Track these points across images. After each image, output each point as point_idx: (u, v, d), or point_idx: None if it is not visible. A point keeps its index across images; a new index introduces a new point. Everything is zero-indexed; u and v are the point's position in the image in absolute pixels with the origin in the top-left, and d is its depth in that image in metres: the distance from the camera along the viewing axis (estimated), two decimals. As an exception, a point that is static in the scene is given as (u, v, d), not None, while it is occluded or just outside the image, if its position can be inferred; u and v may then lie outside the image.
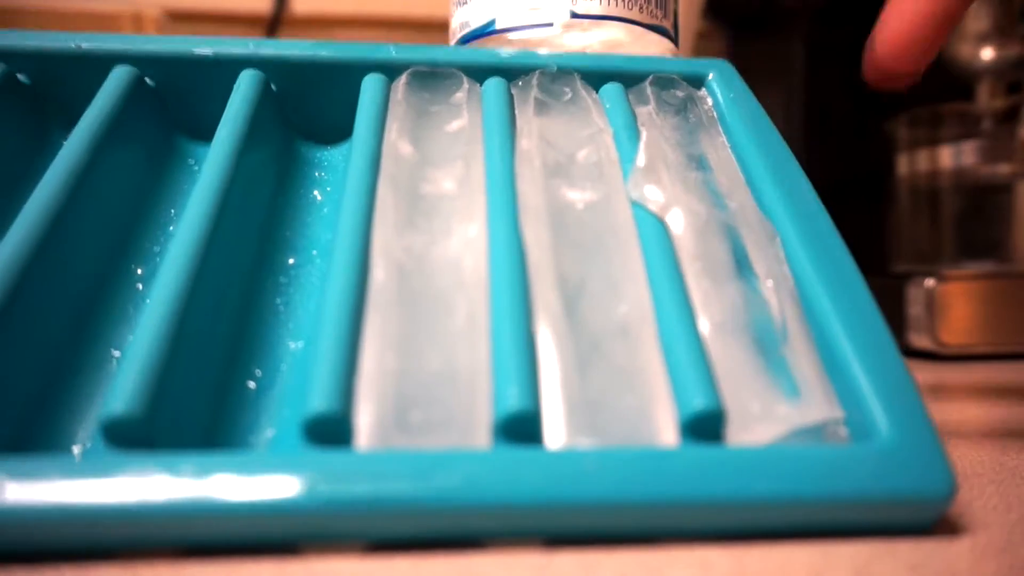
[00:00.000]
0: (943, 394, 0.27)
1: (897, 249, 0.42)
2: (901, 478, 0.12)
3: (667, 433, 0.13)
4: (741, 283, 0.15)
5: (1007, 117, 0.38)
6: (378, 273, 0.15)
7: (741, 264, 0.16)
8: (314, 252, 0.18)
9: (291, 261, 0.18)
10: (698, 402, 0.13)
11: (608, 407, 0.13)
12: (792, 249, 0.16)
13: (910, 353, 0.36)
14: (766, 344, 0.14)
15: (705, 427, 0.13)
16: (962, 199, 0.39)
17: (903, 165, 0.42)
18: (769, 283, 0.15)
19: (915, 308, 0.34)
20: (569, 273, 0.15)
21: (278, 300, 0.17)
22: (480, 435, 0.13)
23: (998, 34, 0.37)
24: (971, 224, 0.39)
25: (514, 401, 0.12)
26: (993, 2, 0.37)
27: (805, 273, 0.15)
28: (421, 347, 0.14)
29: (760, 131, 0.18)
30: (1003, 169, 0.38)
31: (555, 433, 0.13)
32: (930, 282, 0.34)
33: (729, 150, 0.18)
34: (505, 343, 0.13)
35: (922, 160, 0.40)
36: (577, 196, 0.17)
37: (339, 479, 0.11)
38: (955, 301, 0.34)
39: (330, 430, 0.12)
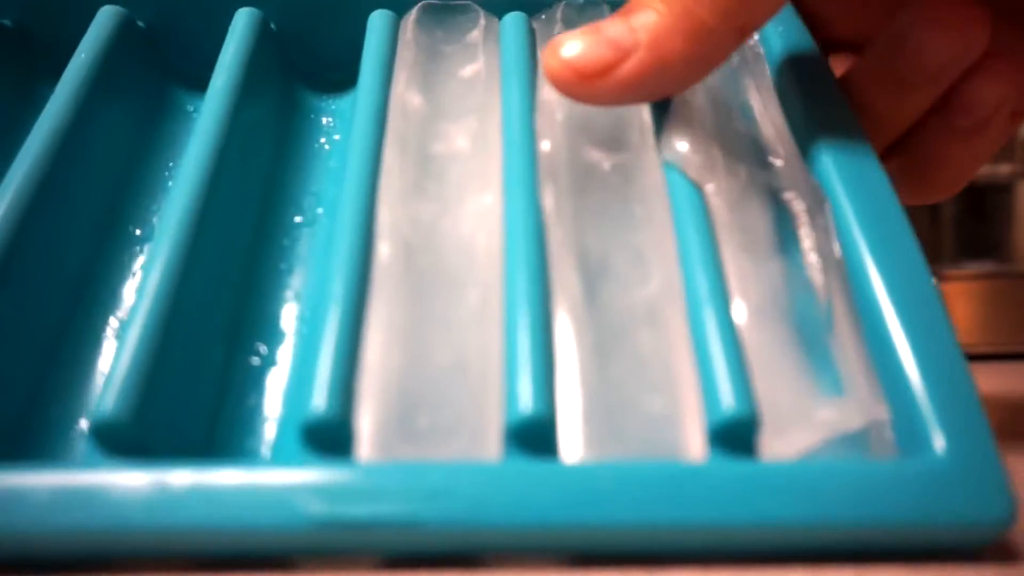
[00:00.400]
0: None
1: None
2: (955, 499, 0.11)
3: (694, 439, 0.12)
4: (784, 260, 0.14)
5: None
6: (383, 250, 0.13)
7: (784, 236, 0.14)
8: (320, 210, 0.17)
9: (297, 219, 0.17)
10: (729, 407, 0.12)
11: (631, 408, 0.12)
12: (844, 220, 0.14)
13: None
14: (808, 332, 0.13)
15: (736, 435, 0.12)
16: (962, 199, 0.38)
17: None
18: (815, 259, 0.14)
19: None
20: (592, 247, 0.14)
21: (282, 265, 0.16)
22: (491, 442, 0.12)
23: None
24: (971, 224, 0.38)
25: (527, 406, 0.11)
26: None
27: (858, 250, 0.13)
28: (428, 338, 0.13)
29: (813, 75, 0.16)
30: (1003, 169, 0.37)
31: (572, 438, 0.12)
32: (930, 285, 0.34)
33: (775, 95, 0.16)
34: (519, 339, 0.12)
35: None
36: (603, 156, 0.15)
37: (336, 499, 0.11)
38: (955, 301, 0.33)
39: (329, 436, 0.12)
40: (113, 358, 0.12)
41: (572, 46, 0.13)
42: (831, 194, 0.14)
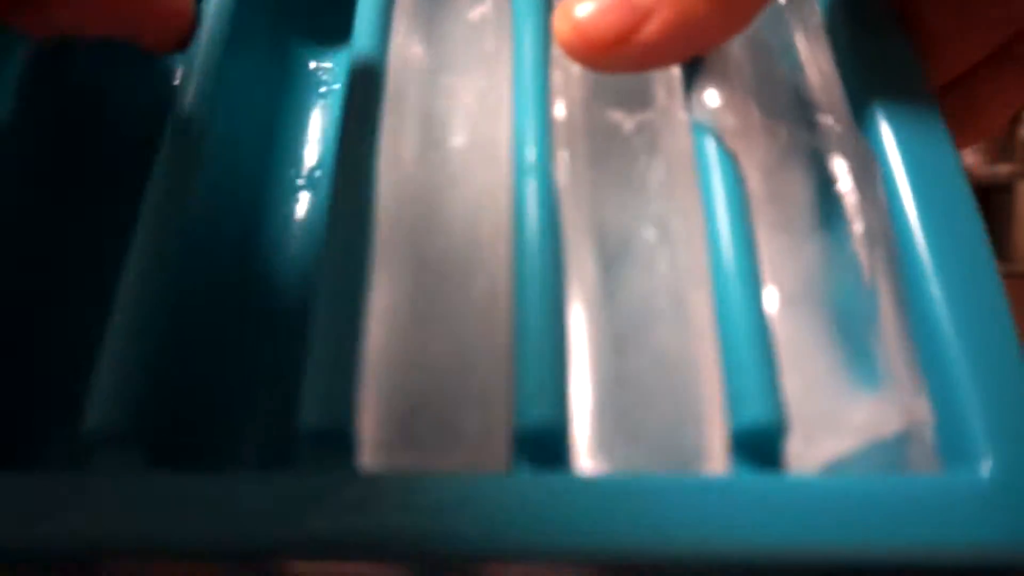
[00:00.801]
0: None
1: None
2: (1004, 520, 0.10)
3: (716, 446, 0.11)
4: (824, 238, 0.12)
5: (1007, 121, 0.36)
6: (383, 233, 0.12)
7: (827, 210, 0.13)
8: (318, 173, 0.16)
9: (299, 182, 0.16)
10: (754, 415, 0.11)
11: (648, 410, 0.11)
12: (897, 193, 0.12)
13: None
14: (848, 320, 0.12)
15: (761, 444, 0.11)
16: None
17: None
18: (861, 238, 0.12)
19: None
20: (610, 225, 0.13)
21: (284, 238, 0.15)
22: (497, 449, 0.11)
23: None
24: None
25: (537, 413, 0.11)
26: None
27: (911, 229, 0.12)
28: (431, 332, 0.12)
29: (869, 11, 0.14)
30: (1003, 169, 0.38)
31: (584, 443, 0.11)
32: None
33: (824, 36, 0.14)
34: (529, 338, 0.11)
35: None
36: (624, 116, 0.13)
37: (333, 514, 0.10)
38: None
39: (330, 443, 0.11)
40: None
41: (584, 7, 0.11)
42: (883, 160, 0.13)
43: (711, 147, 0.13)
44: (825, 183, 0.13)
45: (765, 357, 0.11)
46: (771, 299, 0.12)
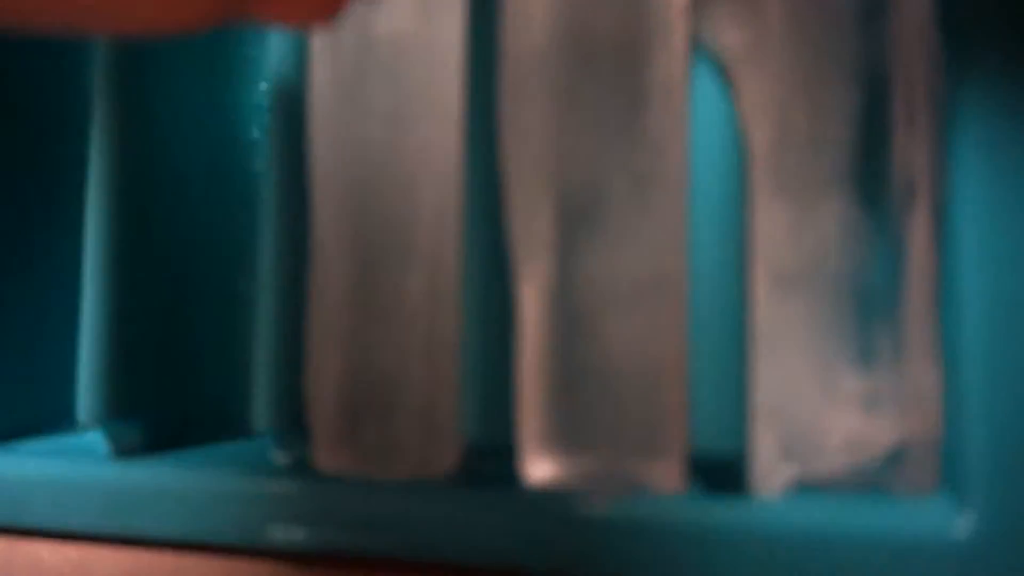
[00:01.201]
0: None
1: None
2: None
3: (672, 465, 0.10)
4: (841, 203, 0.10)
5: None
6: (320, 214, 0.11)
7: (845, 168, 0.10)
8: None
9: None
10: (715, 443, 0.10)
11: (600, 419, 0.10)
12: (951, 158, 0.09)
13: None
14: (864, 305, 0.10)
15: (718, 471, 0.10)
16: None
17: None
18: (892, 203, 0.09)
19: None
20: (575, 180, 0.10)
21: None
22: (445, 458, 0.11)
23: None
24: None
25: (480, 429, 0.10)
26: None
27: (968, 200, 0.09)
28: (371, 338, 0.11)
29: None
30: None
31: (533, 451, 0.10)
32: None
33: None
34: (471, 351, 0.10)
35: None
36: (608, 24, 0.10)
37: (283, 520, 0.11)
38: None
39: (285, 448, 0.11)
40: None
41: None
42: (941, 108, 0.09)
43: (708, 78, 0.10)
44: (850, 135, 0.10)
45: (733, 371, 0.10)
46: (762, 280, 0.10)
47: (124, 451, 0.12)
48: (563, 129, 0.10)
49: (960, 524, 0.09)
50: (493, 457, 0.10)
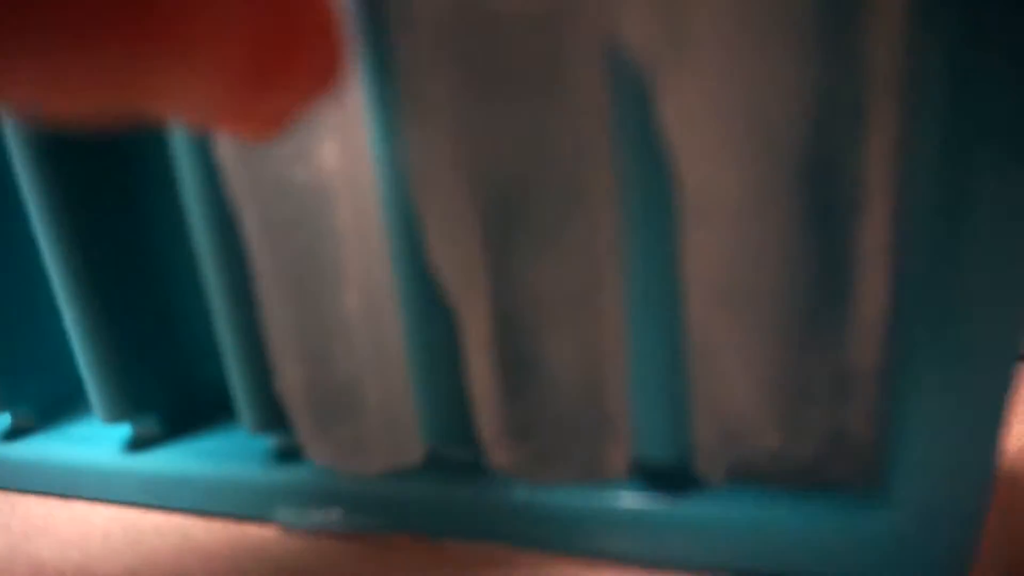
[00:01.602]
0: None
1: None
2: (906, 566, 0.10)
3: (616, 454, 0.11)
4: (783, 217, 0.09)
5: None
6: (249, 229, 0.11)
7: (801, 170, 0.09)
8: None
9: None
10: (656, 449, 0.10)
11: (549, 417, 0.11)
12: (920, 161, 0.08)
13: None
14: (802, 304, 0.09)
15: (659, 471, 0.11)
16: None
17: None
18: (846, 212, 0.09)
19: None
20: (497, 176, 0.10)
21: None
22: (412, 454, 0.12)
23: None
24: None
25: (442, 427, 0.11)
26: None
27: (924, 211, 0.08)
28: (322, 347, 0.11)
29: None
30: None
31: (491, 445, 0.11)
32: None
33: None
34: (409, 359, 0.11)
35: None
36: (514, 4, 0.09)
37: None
38: None
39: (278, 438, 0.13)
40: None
41: None
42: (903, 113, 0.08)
43: (622, 71, 0.09)
44: (805, 139, 0.08)
45: (673, 376, 0.10)
46: (697, 288, 0.10)
47: (140, 444, 0.13)
48: (491, 122, 0.10)
49: (886, 516, 0.09)
50: (456, 451, 0.12)
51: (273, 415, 0.12)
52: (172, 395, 0.14)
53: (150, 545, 0.12)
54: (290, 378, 0.12)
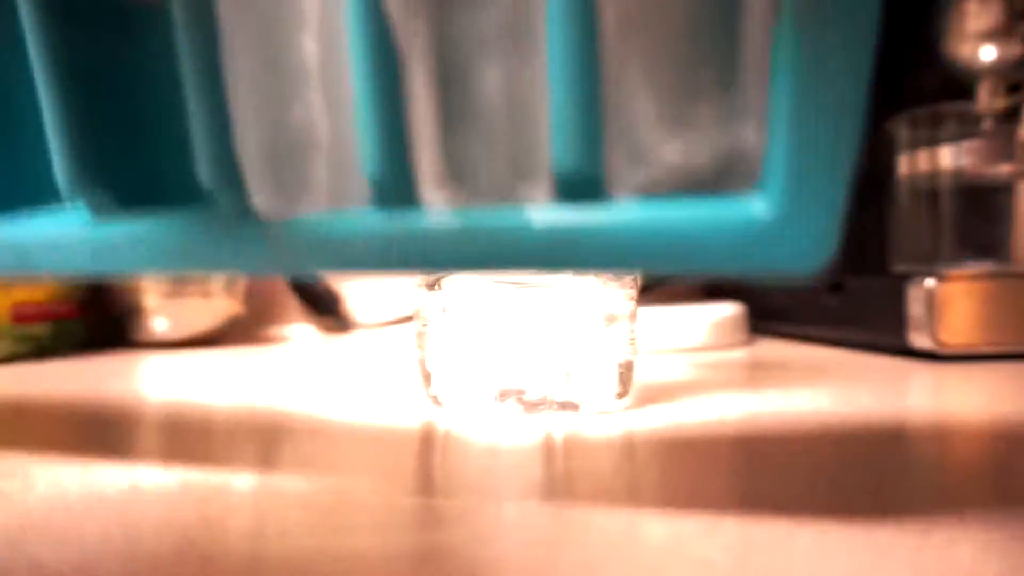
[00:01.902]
0: (943, 394, 0.26)
1: (897, 249, 0.42)
2: (775, 258, 0.11)
3: (541, 184, 0.12)
4: None
5: (1007, 117, 0.37)
6: None
7: None
8: None
9: None
10: (567, 161, 0.11)
11: (480, 153, 0.12)
12: None
13: (910, 353, 0.36)
14: (700, 37, 0.11)
15: (577, 188, 0.12)
16: (962, 199, 0.39)
17: (903, 165, 0.41)
18: None
19: (915, 308, 0.35)
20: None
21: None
22: (355, 194, 0.13)
23: (999, 34, 0.36)
24: (971, 224, 0.39)
25: (375, 165, 0.12)
26: (994, 1, 0.36)
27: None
28: (281, 94, 0.12)
29: None
30: (1003, 169, 0.38)
31: (428, 184, 0.12)
32: (930, 282, 0.34)
33: None
34: (363, 97, 0.12)
35: (922, 160, 0.40)
36: None
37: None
38: (955, 301, 0.34)
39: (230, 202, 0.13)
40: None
41: None
42: None
43: None
44: None
45: (587, 97, 0.11)
46: (611, 19, 0.11)
47: (102, 213, 0.14)
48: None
49: (765, 209, 0.11)
50: (396, 191, 0.12)
51: (232, 171, 0.13)
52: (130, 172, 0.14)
53: (149, 546, 0.12)
54: (246, 127, 0.12)
